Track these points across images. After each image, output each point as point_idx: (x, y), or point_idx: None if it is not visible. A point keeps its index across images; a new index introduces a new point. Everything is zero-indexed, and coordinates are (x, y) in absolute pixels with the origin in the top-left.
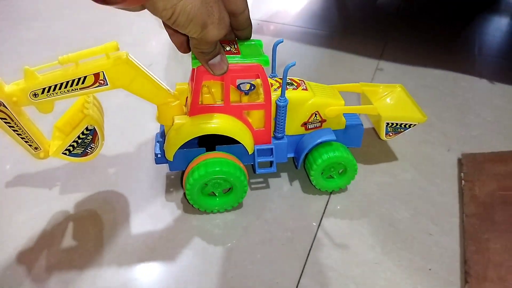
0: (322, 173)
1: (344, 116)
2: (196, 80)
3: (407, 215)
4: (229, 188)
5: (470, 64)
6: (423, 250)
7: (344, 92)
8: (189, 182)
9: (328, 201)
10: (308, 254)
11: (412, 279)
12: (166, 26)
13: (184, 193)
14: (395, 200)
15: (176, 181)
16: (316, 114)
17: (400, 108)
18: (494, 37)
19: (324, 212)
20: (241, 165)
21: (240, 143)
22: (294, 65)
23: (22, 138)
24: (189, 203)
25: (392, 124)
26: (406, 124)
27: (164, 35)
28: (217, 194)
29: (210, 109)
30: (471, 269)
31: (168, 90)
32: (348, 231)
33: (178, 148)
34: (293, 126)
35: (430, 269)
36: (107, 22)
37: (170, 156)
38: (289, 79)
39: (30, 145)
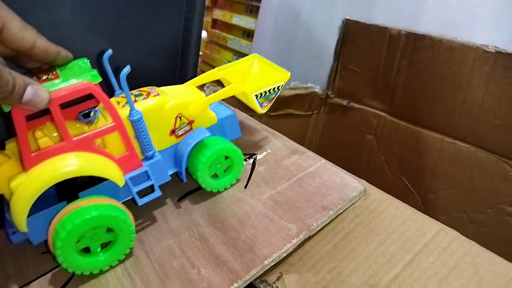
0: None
1: (213, 111)
2: (16, 124)
3: None
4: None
5: None
6: None
7: (203, 86)
8: (56, 246)
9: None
10: None
11: None
12: None
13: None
14: None
15: None
16: (180, 118)
17: (262, 76)
18: None
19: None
20: (119, 204)
21: (105, 179)
22: (130, 71)
23: None
24: (67, 270)
25: (261, 94)
26: (274, 88)
27: None
28: (98, 250)
29: (49, 153)
30: None
31: None
32: None
33: (30, 215)
34: (162, 139)
35: None
36: None
37: (22, 227)
38: (137, 90)
39: None
